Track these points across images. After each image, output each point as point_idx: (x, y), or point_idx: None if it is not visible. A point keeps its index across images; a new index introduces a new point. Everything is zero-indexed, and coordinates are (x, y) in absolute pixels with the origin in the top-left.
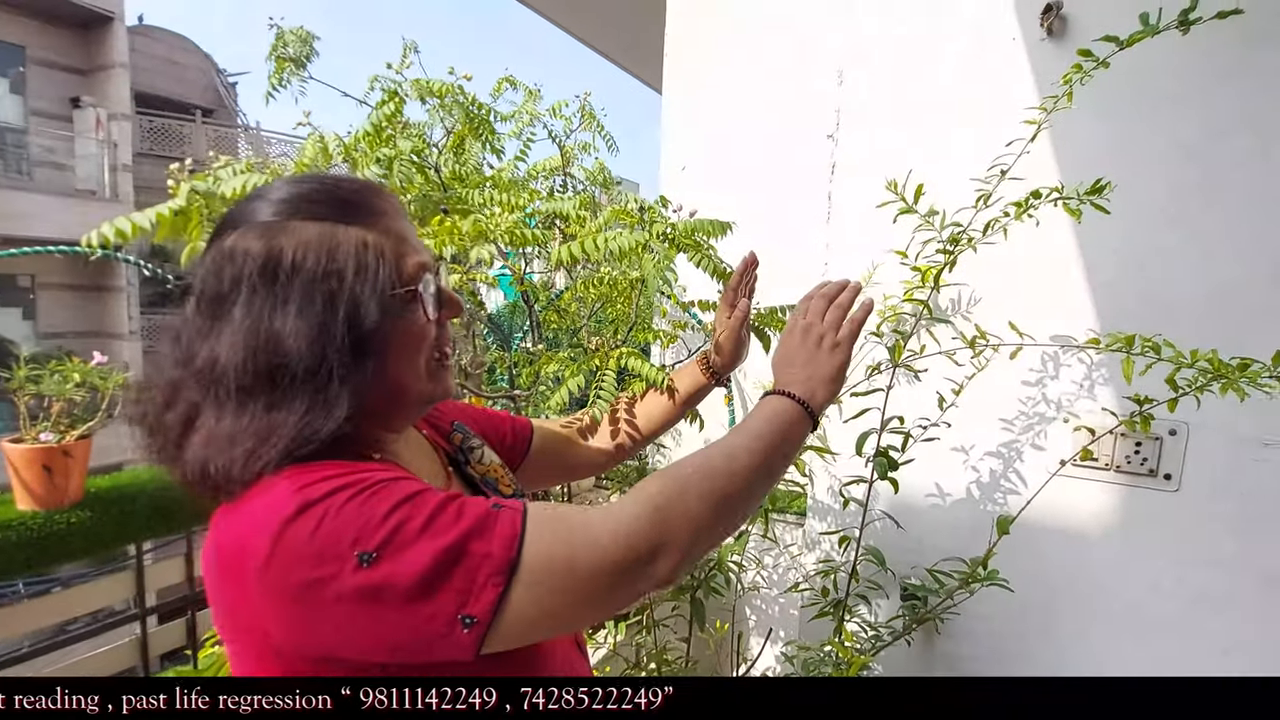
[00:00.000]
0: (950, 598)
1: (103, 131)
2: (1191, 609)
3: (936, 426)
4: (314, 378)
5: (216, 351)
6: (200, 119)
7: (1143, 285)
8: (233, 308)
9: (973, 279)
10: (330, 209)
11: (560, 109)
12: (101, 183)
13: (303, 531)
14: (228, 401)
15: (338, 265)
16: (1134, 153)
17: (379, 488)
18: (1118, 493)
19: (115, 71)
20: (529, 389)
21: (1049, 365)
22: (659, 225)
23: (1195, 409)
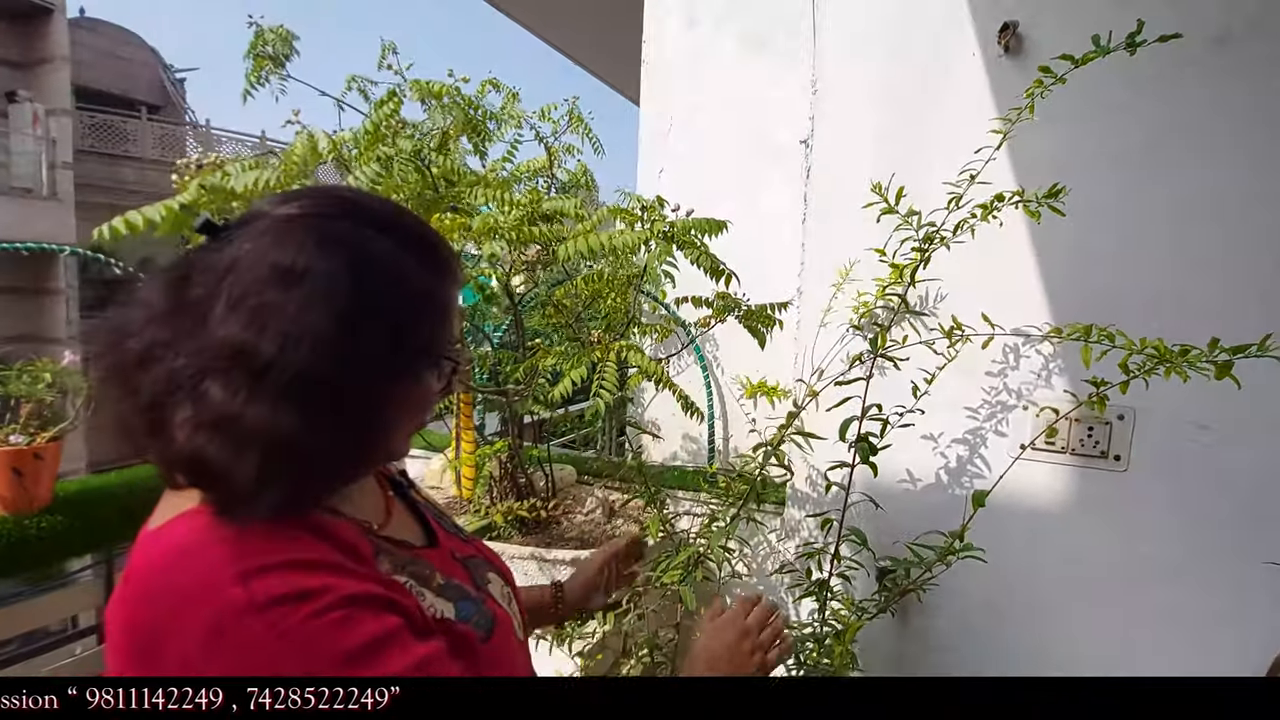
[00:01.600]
0: (929, 570)
1: (40, 127)
2: (1138, 579)
3: (912, 414)
4: (370, 408)
5: (252, 333)
6: (146, 115)
7: (1091, 283)
8: (293, 294)
9: (939, 277)
10: (417, 245)
11: (549, 112)
12: (39, 180)
13: (243, 642)
14: (255, 389)
15: (422, 309)
16: (1082, 158)
17: (350, 612)
18: (1073, 474)
19: (55, 65)
20: (524, 384)
21: (1010, 357)
22: (659, 223)
23: (1142, 395)
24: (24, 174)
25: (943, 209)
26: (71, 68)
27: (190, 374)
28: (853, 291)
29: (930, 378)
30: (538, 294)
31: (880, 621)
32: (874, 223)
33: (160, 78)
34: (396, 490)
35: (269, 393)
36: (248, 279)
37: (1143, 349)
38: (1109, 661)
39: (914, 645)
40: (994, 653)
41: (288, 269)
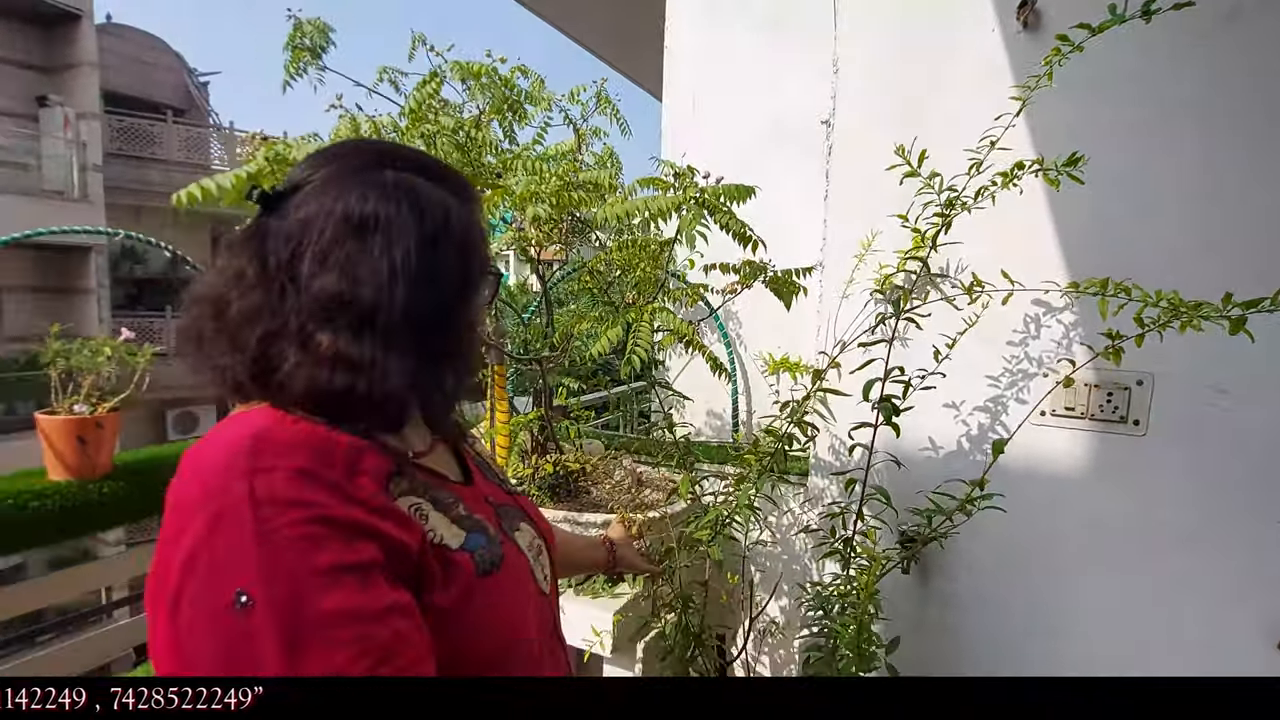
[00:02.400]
0: (949, 519)
1: (71, 131)
2: (1156, 542)
3: (934, 376)
4: (457, 332)
5: (347, 283)
6: (171, 119)
7: (1106, 250)
8: (370, 242)
9: (959, 247)
10: (454, 184)
11: (578, 94)
12: (70, 183)
13: (229, 522)
14: (366, 331)
15: (471, 234)
16: (1098, 127)
17: (324, 530)
18: (1092, 439)
19: (83, 70)
20: (560, 350)
21: (1031, 326)
22: (690, 189)
23: (1161, 359)
24: (56, 177)
25: (964, 175)
26: (99, 73)
27: (296, 329)
28: (875, 264)
29: (951, 342)
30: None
31: (902, 585)
32: (895, 196)
33: (184, 81)
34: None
35: (376, 330)
36: (325, 237)
37: (1158, 301)
38: (1126, 625)
39: (934, 608)
40: (1013, 616)
41: (359, 220)
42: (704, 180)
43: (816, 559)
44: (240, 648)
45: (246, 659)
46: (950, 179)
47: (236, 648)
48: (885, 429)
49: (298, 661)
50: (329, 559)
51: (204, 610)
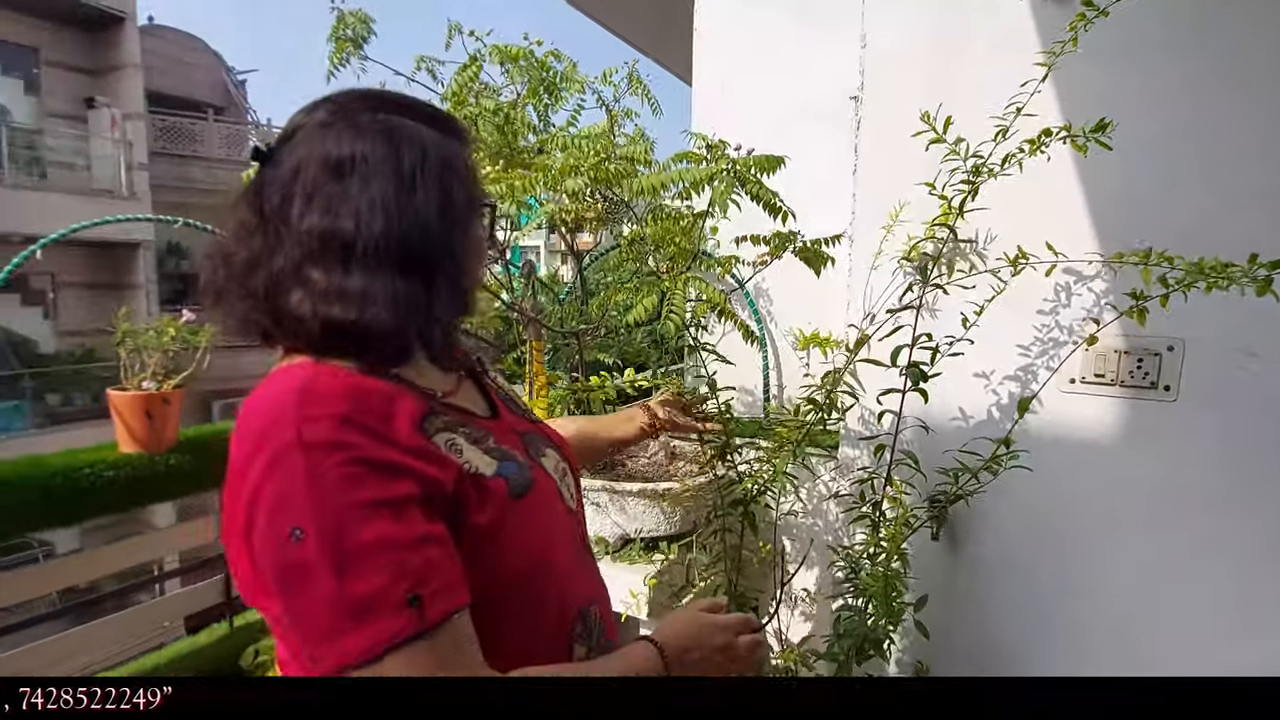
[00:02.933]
0: (975, 477)
1: (118, 131)
2: (1185, 507)
3: (961, 343)
4: (445, 258)
5: (331, 219)
6: (212, 117)
7: (1134, 216)
8: (349, 181)
9: (988, 216)
10: (437, 122)
11: (610, 75)
12: (118, 182)
13: (283, 466)
14: (353, 265)
15: (455, 168)
16: (1126, 93)
17: (363, 470)
18: (1122, 406)
19: (128, 71)
20: (596, 322)
21: (1061, 294)
22: (722, 161)
23: (1191, 324)
24: (104, 176)
25: (990, 142)
26: (142, 73)
27: (293, 266)
28: (903, 235)
29: (980, 309)
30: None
31: (931, 551)
32: (924, 168)
33: (223, 80)
34: (469, 371)
35: (360, 262)
36: (309, 179)
37: (1201, 269)
38: (1156, 588)
39: (964, 574)
40: (1042, 581)
41: (337, 160)
42: (735, 152)
43: (846, 524)
44: (297, 575)
45: (302, 585)
46: (976, 146)
47: (294, 575)
48: (914, 397)
49: (344, 585)
50: (367, 495)
51: (269, 544)
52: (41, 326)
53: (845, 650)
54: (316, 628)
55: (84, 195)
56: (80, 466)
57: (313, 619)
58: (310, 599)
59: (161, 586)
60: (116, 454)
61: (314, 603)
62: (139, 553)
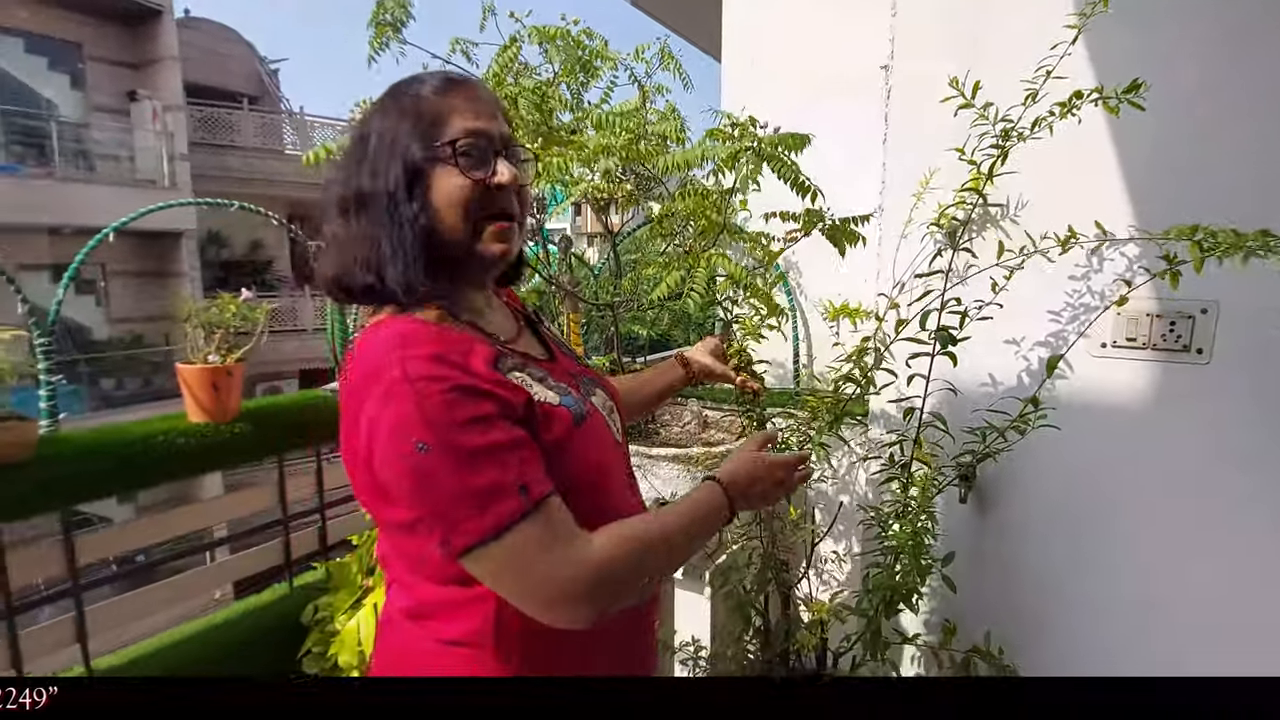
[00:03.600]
0: (1003, 435)
1: (159, 123)
2: (1219, 468)
3: (991, 307)
4: (394, 201)
5: (328, 194)
6: (247, 106)
7: (1171, 177)
8: (358, 150)
9: (1019, 183)
10: (421, 80)
11: (643, 51)
12: (161, 173)
13: (396, 398)
14: (332, 225)
15: (405, 115)
16: (1159, 52)
17: (458, 396)
18: (1154, 370)
19: (166, 64)
20: (629, 298)
21: (1094, 260)
22: (748, 139)
23: (1226, 287)
24: (148, 167)
25: (1020, 106)
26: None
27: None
28: (933, 203)
29: (1009, 274)
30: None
31: (959, 517)
32: (954, 136)
33: (257, 70)
34: (528, 323)
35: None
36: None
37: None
38: (1187, 555)
39: (991, 539)
40: (1071, 546)
41: (357, 136)
42: (763, 130)
43: (876, 487)
44: (427, 479)
45: (433, 486)
46: (1008, 109)
47: (424, 480)
48: (944, 365)
49: (467, 481)
50: (468, 413)
51: (395, 460)
52: (95, 314)
53: (874, 605)
54: (449, 518)
55: (129, 186)
56: (156, 435)
57: (445, 512)
58: (441, 495)
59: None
60: (186, 423)
61: (444, 498)
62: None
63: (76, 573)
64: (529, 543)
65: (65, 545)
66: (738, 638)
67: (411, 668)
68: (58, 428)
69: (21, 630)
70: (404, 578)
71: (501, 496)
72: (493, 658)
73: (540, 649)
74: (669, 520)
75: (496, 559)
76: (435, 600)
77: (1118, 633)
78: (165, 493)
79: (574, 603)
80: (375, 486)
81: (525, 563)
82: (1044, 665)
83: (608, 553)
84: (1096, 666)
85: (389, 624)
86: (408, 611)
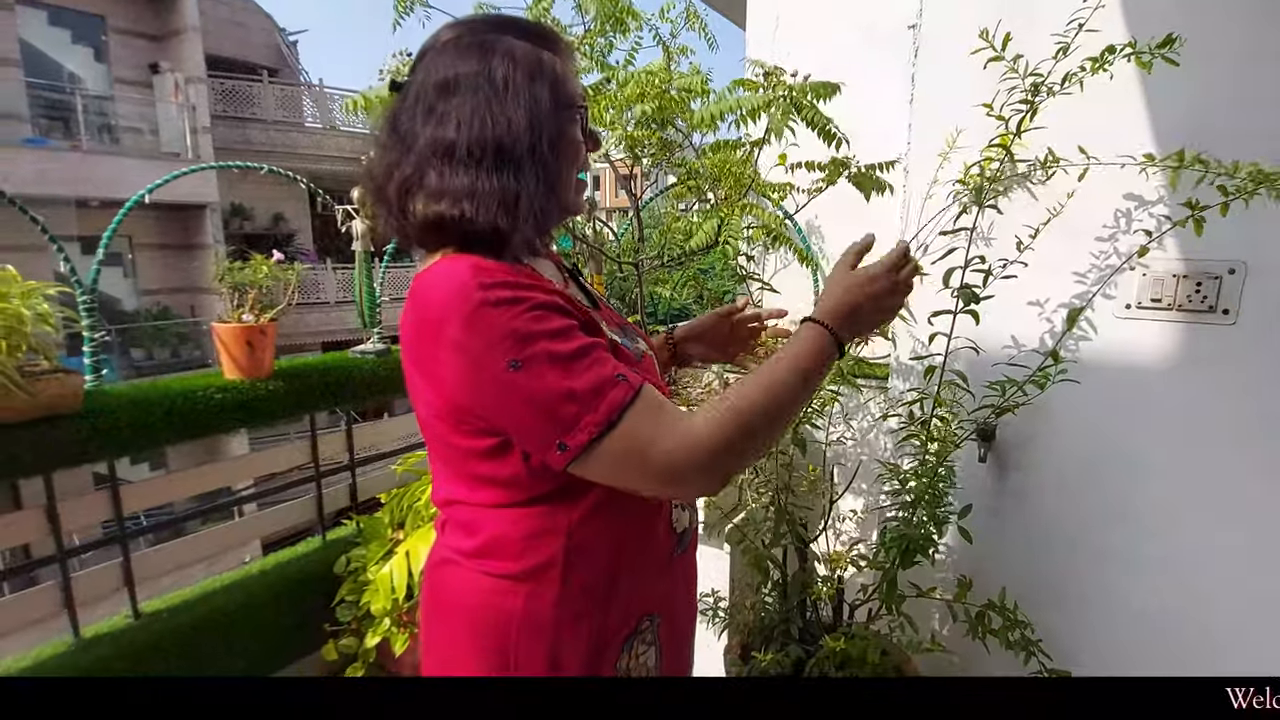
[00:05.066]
0: (1022, 390)
1: (181, 96)
2: (1248, 426)
3: (1015, 265)
4: (534, 157)
5: (443, 130)
6: (267, 79)
7: (1207, 136)
8: (455, 96)
9: (1047, 140)
10: (531, 34)
11: (667, 10)
12: (184, 145)
13: (482, 323)
14: (456, 167)
15: (543, 75)
16: (1196, 5)
17: (542, 311)
18: (1180, 330)
19: (188, 36)
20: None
21: (1121, 221)
22: (780, 87)
23: (1254, 248)
24: (171, 140)
25: (1050, 59)
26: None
27: (416, 174)
28: (959, 163)
29: (1035, 231)
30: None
31: (976, 479)
32: (981, 93)
33: (276, 42)
34: (571, 274)
35: (464, 165)
36: (427, 99)
37: (1234, 171)
38: (1211, 518)
39: (1009, 499)
40: (1090, 508)
41: (443, 81)
42: (792, 79)
43: (895, 445)
44: (529, 392)
45: (537, 396)
46: (1038, 63)
47: (527, 393)
48: (967, 325)
49: (572, 383)
50: (553, 325)
51: (489, 382)
52: (123, 285)
53: (891, 558)
54: (562, 420)
55: (154, 159)
56: (195, 390)
57: (556, 415)
58: (549, 402)
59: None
60: (223, 380)
61: (553, 403)
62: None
63: (123, 522)
64: (642, 425)
65: (112, 496)
66: (755, 589)
67: (473, 605)
68: (101, 382)
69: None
70: (471, 518)
71: (606, 389)
72: (557, 589)
73: (600, 579)
74: (776, 373)
75: (615, 449)
76: (506, 535)
77: (1136, 593)
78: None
79: (698, 473)
80: (458, 418)
81: (644, 444)
82: (1058, 624)
83: (717, 421)
84: (1112, 625)
85: (444, 565)
86: (471, 551)
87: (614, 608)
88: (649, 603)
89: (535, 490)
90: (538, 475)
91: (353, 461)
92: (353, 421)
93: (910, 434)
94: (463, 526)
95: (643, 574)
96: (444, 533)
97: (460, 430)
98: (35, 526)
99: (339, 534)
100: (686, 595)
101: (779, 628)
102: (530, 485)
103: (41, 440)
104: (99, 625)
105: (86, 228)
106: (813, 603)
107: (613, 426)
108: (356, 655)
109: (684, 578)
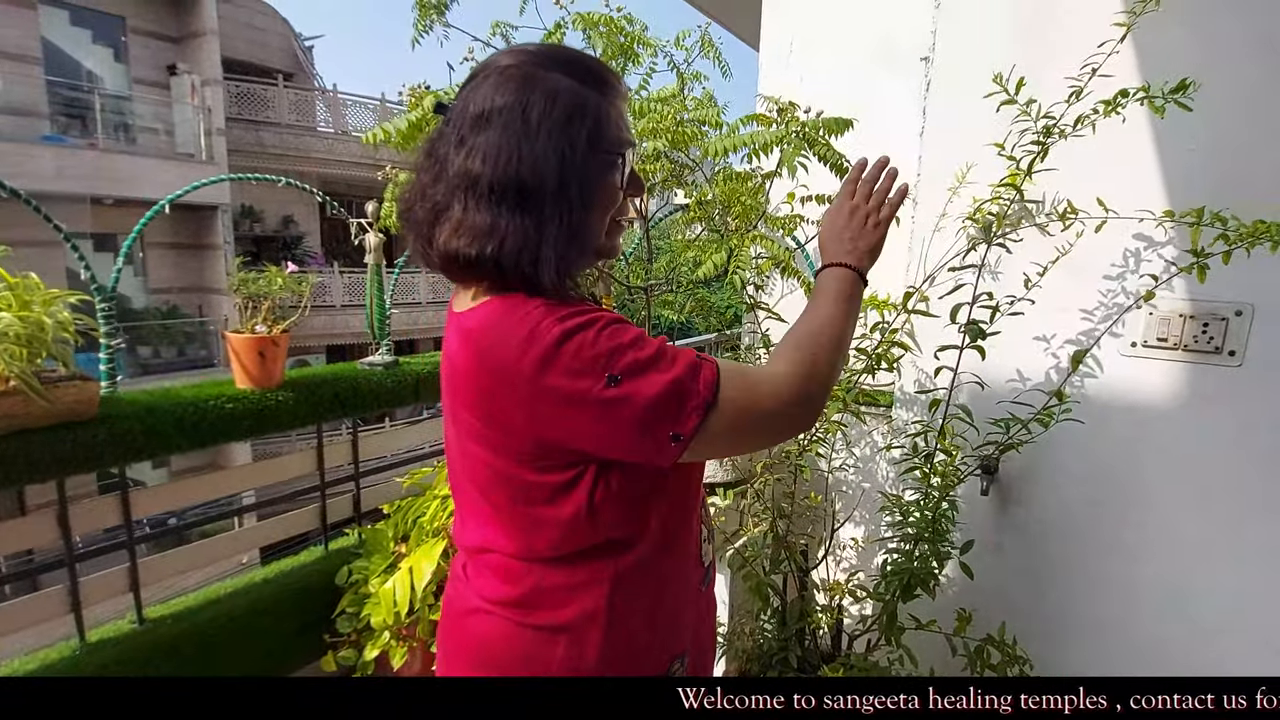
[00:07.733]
0: (1026, 428)
1: (197, 97)
2: (1250, 467)
3: (1022, 303)
4: (559, 201)
5: (471, 162)
6: (282, 83)
7: (1219, 179)
8: (489, 130)
9: (1058, 180)
10: (581, 73)
11: (683, 39)
12: (199, 146)
13: (568, 354)
14: (480, 202)
15: (584, 117)
16: (1214, 49)
17: (615, 326)
18: (1185, 371)
19: (206, 38)
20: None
21: (1130, 260)
22: (793, 123)
23: (1260, 290)
24: (186, 141)
25: (1063, 103)
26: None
27: (444, 202)
28: (968, 197)
29: (1043, 270)
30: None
31: (978, 512)
32: (992, 130)
33: (292, 46)
34: (594, 302)
35: (486, 201)
36: (462, 130)
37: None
38: (1212, 558)
39: (1011, 534)
40: (1091, 544)
41: (480, 113)
42: (804, 115)
43: (898, 477)
44: (632, 396)
45: (642, 396)
46: (1050, 105)
47: (630, 398)
48: (973, 361)
49: (671, 373)
50: (629, 335)
51: (591, 401)
52: (134, 283)
53: (891, 590)
54: (670, 414)
55: (169, 159)
56: (206, 398)
57: (664, 406)
58: (655, 402)
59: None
60: (234, 388)
61: (660, 400)
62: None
63: (131, 527)
64: (737, 389)
65: (122, 501)
66: (755, 616)
67: (511, 656)
68: (116, 389)
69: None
70: (513, 566)
71: (695, 370)
72: (600, 637)
73: (641, 624)
74: (820, 309)
75: (724, 419)
76: (550, 585)
77: (1136, 629)
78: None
79: (798, 406)
80: (538, 454)
81: (746, 405)
82: (1058, 657)
83: (792, 359)
84: (1109, 661)
85: (475, 614)
86: (510, 600)
87: (650, 653)
88: (680, 642)
89: (586, 540)
90: (597, 513)
91: (357, 472)
92: (358, 428)
93: (913, 466)
94: (499, 574)
95: (678, 612)
96: (469, 578)
97: (537, 467)
98: (46, 530)
99: (341, 544)
100: (709, 628)
101: (777, 655)
102: (587, 532)
103: (58, 445)
104: (104, 630)
105: (100, 225)
106: (812, 631)
107: (715, 403)
108: (355, 667)
109: (708, 610)
